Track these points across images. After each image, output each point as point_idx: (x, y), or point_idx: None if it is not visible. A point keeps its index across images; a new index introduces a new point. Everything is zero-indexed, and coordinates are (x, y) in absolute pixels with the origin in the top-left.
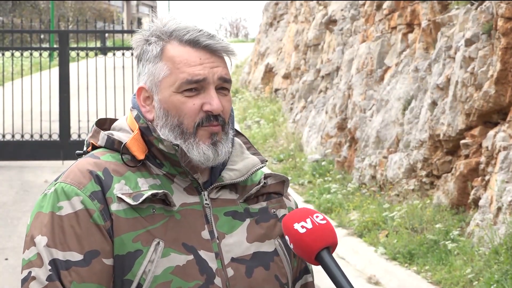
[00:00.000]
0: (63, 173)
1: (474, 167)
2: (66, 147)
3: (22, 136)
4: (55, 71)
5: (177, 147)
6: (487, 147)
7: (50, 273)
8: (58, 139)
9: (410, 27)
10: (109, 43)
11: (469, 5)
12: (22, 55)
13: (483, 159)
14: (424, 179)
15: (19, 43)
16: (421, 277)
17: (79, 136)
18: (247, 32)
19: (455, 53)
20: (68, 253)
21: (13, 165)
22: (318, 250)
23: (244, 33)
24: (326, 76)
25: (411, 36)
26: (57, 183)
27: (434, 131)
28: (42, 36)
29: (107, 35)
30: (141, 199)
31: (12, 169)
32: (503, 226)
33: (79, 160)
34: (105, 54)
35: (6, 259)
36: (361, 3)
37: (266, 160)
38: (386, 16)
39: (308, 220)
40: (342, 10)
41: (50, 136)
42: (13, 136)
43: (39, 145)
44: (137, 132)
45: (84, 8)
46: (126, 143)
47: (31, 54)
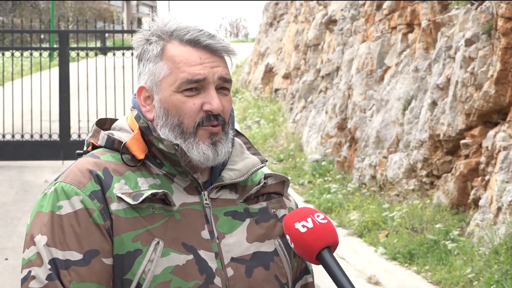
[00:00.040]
0: (63, 173)
1: (474, 167)
2: (66, 147)
3: (22, 136)
4: (55, 71)
5: (177, 147)
6: (487, 147)
7: (50, 272)
8: (58, 139)
9: (410, 27)
10: (109, 43)
11: (469, 5)
12: (22, 55)
13: (483, 159)
14: (424, 179)
15: (19, 43)
16: (421, 277)
17: (79, 136)
18: (247, 32)
19: (455, 53)
20: (67, 252)
21: (13, 165)
22: (319, 249)
23: (244, 33)
24: (326, 76)
25: (411, 36)
26: (57, 182)
27: (434, 131)
28: (42, 36)
29: (107, 35)
30: (140, 199)
31: (12, 169)
32: (503, 226)
33: (79, 159)
34: (105, 54)
35: (6, 259)
36: (361, 3)
37: (266, 160)
38: (386, 16)
39: (309, 219)
40: (342, 10)
41: (50, 136)
42: (13, 136)
43: (39, 145)
44: (137, 131)
45: (84, 8)
46: (126, 142)
47: (31, 54)
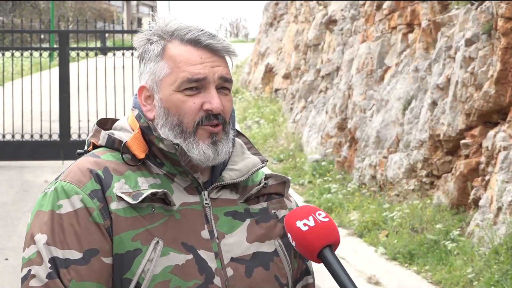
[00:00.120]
0: (63, 172)
1: (474, 167)
2: (66, 147)
3: (22, 136)
4: (55, 71)
5: (177, 146)
6: (487, 147)
7: (50, 271)
8: (58, 139)
9: (410, 27)
10: (109, 43)
11: (469, 5)
12: (22, 55)
13: (483, 159)
14: (424, 179)
15: (19, 43)
16: (421, 277)
17: (79, 136)
18: (247, 32)
19: (455, 53)
20: (67, 251)
21: (13, 165)
22: (320, 248)
23: (244, 33)
24: (326, 76)
25: (411, 36)
26: (57, 181)
27: (434, 131)
28: (42, 36)
29: (107, 35)
30: (140, 198)
31: (12, 169)
32: (503, 226)
33: (80, 159)
34: (105, 54)
35: (6, 259)
36: (361, 3)
37: (266, 160)
38: (386, 16)
39: (310, 217)
40: (342, 10)
41: (50, 136)
42: (13, 136)
43: (39, 145)
44: (138, 131)
45: (84, 8)
46: (126, 142)
47: (31, 54)
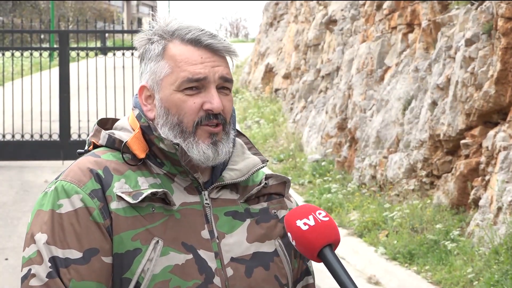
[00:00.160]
0: (64, 172)
1: (474, 167)
2: (66, 147)
3: (22, 136)
4: (55, 71)
5: (177, 146)
6: (487, 147)
7: (50, 270)
8: (58, 139)
9: (410, 27)
10: (109, 43)
11: (469, 5)
12: (22, 55)
13: (483, 159)
14: (424, 179)
15: (19, 43)
16: (421, 277)
17: (79, 136)
18: (247, 32)
19: (455, 53)
20: (67, 250)
21: (13, 165)
22: (320, 247)
23: (244, 33)
24: (326, 76)
25: (411, 36)
26: (57, 181)
27: (434, 131)
28: (42, 36)
29: (107, 35)
30: (140, 198)
31: (12, 169)
32: (503, 226)
33: (80, 158)
34: (105, 54)
35: (6, 259)
36: (361, 3)
37: (267, 160)
38: (386, 16)
39: (310, 217)
40: (342, 10)
41: (50, 136)
42: (13, 136)
43: (39, 145)
44: (138, 131)
45: (84, 8)
46: (127, 141)
47: (31, 54)
